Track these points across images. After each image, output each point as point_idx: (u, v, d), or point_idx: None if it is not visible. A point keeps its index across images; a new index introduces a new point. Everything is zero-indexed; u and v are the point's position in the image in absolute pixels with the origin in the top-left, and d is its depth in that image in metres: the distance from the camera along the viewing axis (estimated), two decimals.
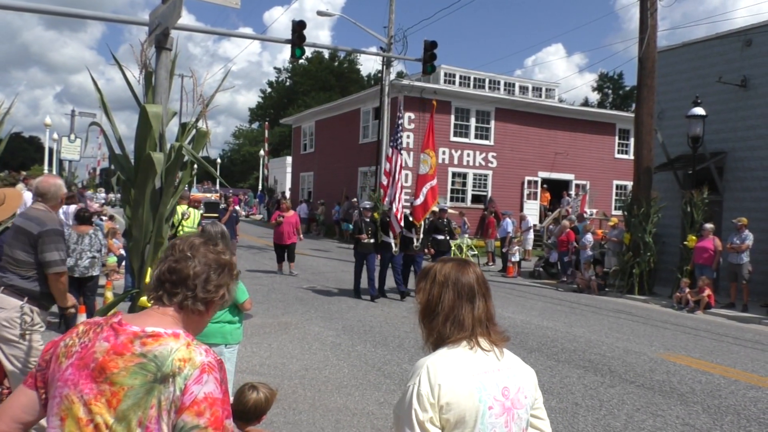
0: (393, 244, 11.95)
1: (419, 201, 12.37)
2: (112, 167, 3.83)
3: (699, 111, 13.66)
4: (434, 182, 12.61)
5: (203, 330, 1.77)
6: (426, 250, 12.67)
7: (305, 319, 9.44)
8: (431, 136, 12.75)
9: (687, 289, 12.61)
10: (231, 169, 65.21)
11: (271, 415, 5.11)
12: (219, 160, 54.50)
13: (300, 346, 7.77)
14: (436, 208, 13.20)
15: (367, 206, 12.73)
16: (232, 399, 3.33)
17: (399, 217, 11.89)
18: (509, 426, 1.80)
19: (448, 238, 13.25)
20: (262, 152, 45.17)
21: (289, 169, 40.02)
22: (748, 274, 12.47)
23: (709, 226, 12.95)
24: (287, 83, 64.59)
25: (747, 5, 62.47)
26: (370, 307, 10.71)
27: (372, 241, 11.87)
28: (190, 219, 11.14)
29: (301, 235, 14.95)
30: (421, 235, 12.34)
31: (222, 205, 17.41)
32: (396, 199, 11.95)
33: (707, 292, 12.26)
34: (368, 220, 12.11)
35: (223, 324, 4.33)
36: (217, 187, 33.69)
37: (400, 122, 12.86)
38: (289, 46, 15.58)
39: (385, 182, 12.53)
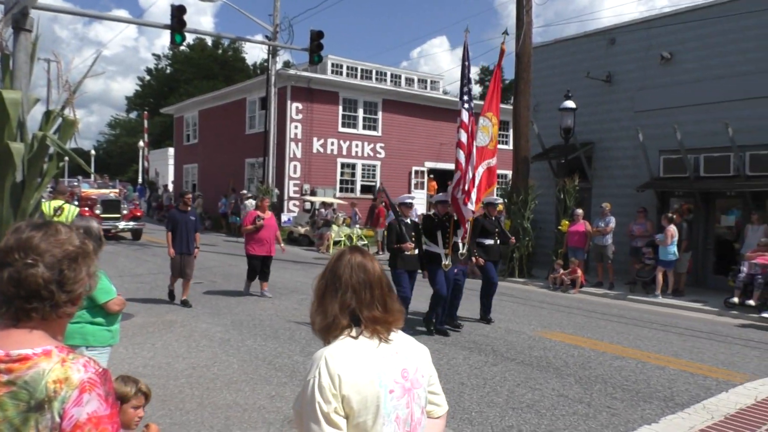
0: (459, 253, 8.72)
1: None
2: None
3: (570, 104, 14.63)
4: (493, 161, 9.02)
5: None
6: (473, 260, 9.27)
7: (191, 316, 9.11)
8: (497, 93, 9.10)
9: (560, 270, 13.53)
10: (107, 161, 61.26)
11: (157, 417, 4.90)
12: (93, 152, 50.90)
13: (186, 344, 7.50)
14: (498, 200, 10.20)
15: (407, 201, 8.62)
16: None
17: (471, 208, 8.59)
18: (410, 406, 1.85)
19: (498, 242, 9.74)
20: (141, 143, 42.81)
21: (171, 161, 38.28)
22: (612, 255, 13.59)
23: (579, 211, 13.94)
24: (167, 71, 61.51)
25: (612, 6, 67.68)
26: (260, 301, 10.52)
27: (416, 252, 8.41)
28: (63, 215, 10.24)
29: (282, 245, 11.52)
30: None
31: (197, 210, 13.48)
32: (471, 182, 8.54)
33: (579, 272, 13.23)
34: (409, 221, 8.54)
35: (83, 324, 3.92)
36: (116, 182, 30.02)
37: (470, 75, 9.00)
38: (168, 31, 14.90)
39: (463, 161, 8.65)
